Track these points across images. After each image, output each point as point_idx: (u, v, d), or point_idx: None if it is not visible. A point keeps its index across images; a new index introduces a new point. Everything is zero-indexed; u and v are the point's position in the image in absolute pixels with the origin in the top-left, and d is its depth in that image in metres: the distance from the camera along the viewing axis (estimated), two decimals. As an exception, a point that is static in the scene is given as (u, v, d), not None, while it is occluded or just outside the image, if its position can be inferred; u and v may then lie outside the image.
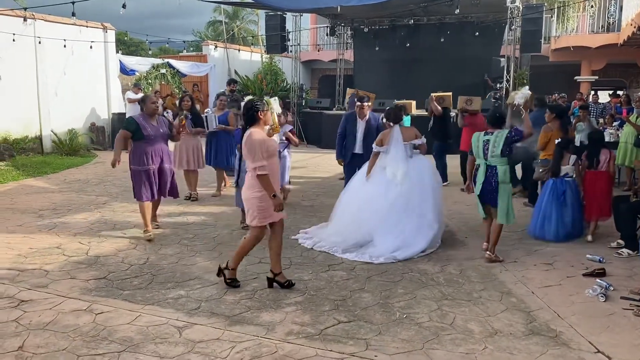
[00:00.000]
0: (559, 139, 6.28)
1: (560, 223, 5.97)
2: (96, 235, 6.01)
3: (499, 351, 3.45)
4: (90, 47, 13.73)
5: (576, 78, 18.72)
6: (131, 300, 4.17)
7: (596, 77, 18.54)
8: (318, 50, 23.61)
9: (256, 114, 4.32)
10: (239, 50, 20.68)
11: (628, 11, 13.63)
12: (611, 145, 7.75)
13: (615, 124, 11.12)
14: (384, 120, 6.24)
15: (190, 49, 26.16)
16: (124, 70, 15.07)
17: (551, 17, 17.74)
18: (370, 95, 10.35)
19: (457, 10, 12.65)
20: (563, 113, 7.21)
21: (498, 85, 14.19)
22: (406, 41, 16.11)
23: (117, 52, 15.72)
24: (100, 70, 14.32)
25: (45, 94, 12.74)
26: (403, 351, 3.42)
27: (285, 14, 16.59)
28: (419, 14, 15.39)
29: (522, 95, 5.90)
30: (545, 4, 15.91)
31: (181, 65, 16.61)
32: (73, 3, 9.26)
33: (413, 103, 13.08)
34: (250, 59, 20.95)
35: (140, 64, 15.53)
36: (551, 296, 4.38)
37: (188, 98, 8.08)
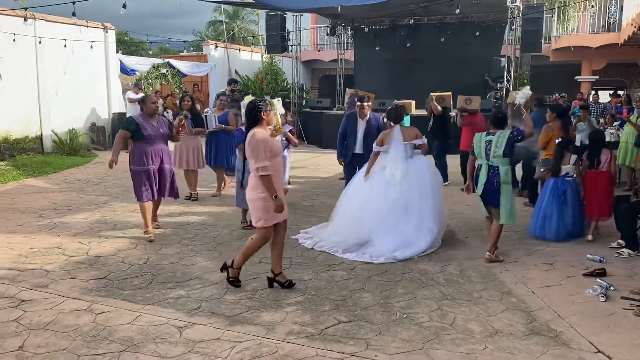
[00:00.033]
0: (559, 139, 6.28)
1: (561, 222, 5.97)
2: (96, 235, 6.01)
3: (499, 351, 3.45)
4: (91, 47, 13.74)
5: (577, 78, 18.72)
6: (131, 300, 4.17)
7: (597, 77, 18.53)
8: (318, 50, 23.61)
9: (259, 114, 4.29)
10: (239, 50, 20.66)
11: (628, 11, 13.62)
12: (612, 145, 7.75)
13: (615, 123, 11.12)
14: (385, 120, 6.24)
15: (191, 49, 26.18)
16: (125, 70, 15.08)
17: (552, 17, 17.73)
18: (370, 96, 10.35)
19: (458, 10, 12.65)
20: (564, 113, 7.23)
21: (498, 85, 14.20)
22: (406, 41, 16.10)
23: (118, 52, 15.73)
24: (100, 70, 14.32)
25: (45, 94, 12.74)
26: (403, 351, 3.42)
27: (286, 14, 16.60)
28: (419, 14, 15.39)
29: (523, 95, 5.92)
30: (546, 4, 15.91)
31: (181, 65, 16.61)
32: (73, 3, 9.26)
33: (412, 103, 13.09)
34: (251, 58, 20.94)
35: (141, 64, 15.54)
36: (551, 296, 4.38)
37: (188, 98, 8.09)
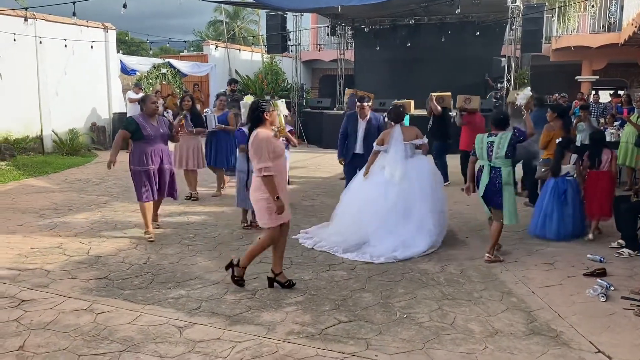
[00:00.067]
0: (560, 139, 6.29)
1: (561, 222, 5.98)
2: (97, 235, 6.01)
3: (500, 351, 3.45)
4: (91, 47, 13.73)
5: (577, 78, 18.72)
6: (132, 300, 4.18)
7: (597, 77, 18.53)
8: (319, 50, 23.61)
9: (262, 115, 4.27)
10: (239, 50, 20.66)
11: (629, 11, 13.62)
12: (612, 145, 7.74)
13: (616, 123, 11.12)
14: (386, 119, 6.23)
15: (191, 49, 26.20)
16: (125, 70, 15.08)
17: (552, 17, 17.73)
18: (369, 95, 10.35)
19: (458, 10, 12.66)
20: (565, 113, 7.23)
21: (499, 85, 14.20)
22: (407, 41, 16.10)
23: (118, 52, 15.74)
24: (101, 70, 14.33)
25: (46, 94, 12.75)
26: (403, 351, 3.42)
27: (286, 14, 16.60)
28: (419, 14, 15.38)
29: (524, 96, 5.93)
30: (546, 4, 15.89)
31: (182, 65, 16.60)
32: (74, 3, 9.25)
33: (412, 102, 13.09)
34: (251, 58, 20.94)
35: (141, 64, 15.54)
36: (552, 296, 4.38)
37: (189, 98, 8.09)
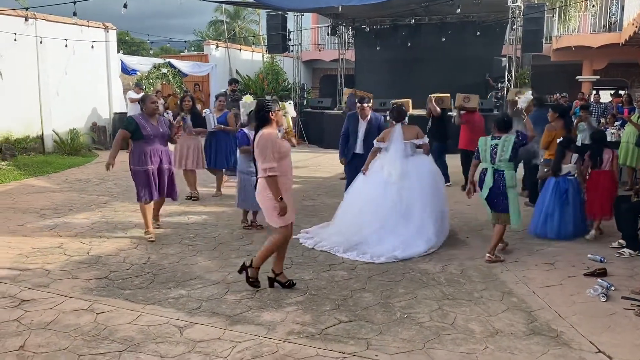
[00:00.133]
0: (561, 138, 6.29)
1: (562, 221, 5.98)
2: (97, 235, 6.01)
3: (500, 351, 3.44)
4: (92, 47, 13.74)
5: (578, 78, 18.70)
6: (132, 300, 4.18)
7: (598, 77, 18.51)
8: (319, 50, 23.61)
9: (268, 114, 4.24)
10: (240, 50, 20.65)
11: (630, 11, 13.60)
12: (613, 145, 7.74)
13: (617, 123, 11.11)
14: (388, 118, 6.23)
15: (192, 49, 26.23)
16: (125, 70, 15.08)
17: (552, 17, 17.70)
18: (368, 95, 10.35)
19: (459, 10, 12.66)
20: (566, 112, 7.23)
21: (499, 85, 14.19)
22: (407, 41, 16.10)
23: (119, 52, 15.73)
24: (101, 70, 14.33)
25: (46, 94, 12.76)
26: (404, 351, 3.42)
27: (287, 14, 16.60)
28: (420, 14, 15.38)
29: (525, 99, 5.94)
30: (547, 4, 15.88)
31: (182, 65, 16.60)
32: (74, 3, 9.25)
33: (410, 102, 13.08)
34: (252, 58, 20.93)
35: (142, 64, 15.54)
36: (552, 296, 4.38)
37: (189, 98, 8.10)
